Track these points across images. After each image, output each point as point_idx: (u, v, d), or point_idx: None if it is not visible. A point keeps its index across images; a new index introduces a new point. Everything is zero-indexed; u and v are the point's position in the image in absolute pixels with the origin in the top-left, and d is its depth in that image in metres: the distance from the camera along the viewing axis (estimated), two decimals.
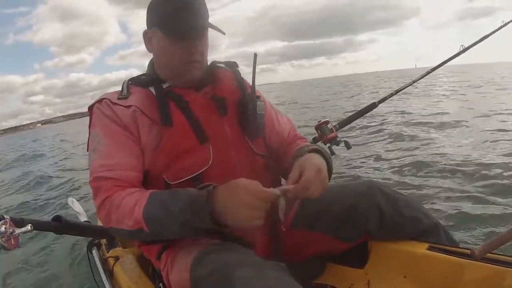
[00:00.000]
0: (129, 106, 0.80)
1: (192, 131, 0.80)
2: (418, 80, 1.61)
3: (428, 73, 1.62)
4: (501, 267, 0.70)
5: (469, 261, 0.74)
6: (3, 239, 0.74)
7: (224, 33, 0.85)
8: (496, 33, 1.63)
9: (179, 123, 0.80)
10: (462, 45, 1.56)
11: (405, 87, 1.59)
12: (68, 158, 8.35)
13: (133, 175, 0.77)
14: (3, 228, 0.75)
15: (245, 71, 0.89)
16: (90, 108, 0.86)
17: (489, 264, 0.71)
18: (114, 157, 0.76)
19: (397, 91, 1.57)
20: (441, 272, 0.78)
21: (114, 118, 0.80)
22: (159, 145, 0.78)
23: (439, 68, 1.62)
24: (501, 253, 0.74)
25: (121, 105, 0.81)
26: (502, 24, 1.59)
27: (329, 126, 1.31)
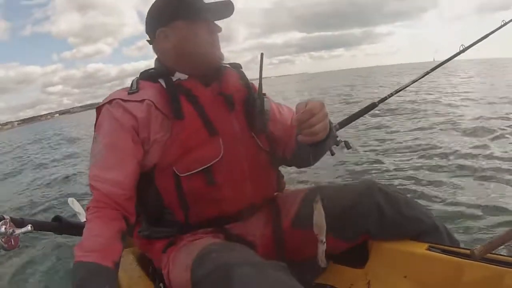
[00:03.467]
0: (142, 100, 0.80)
1: (202, 124, 0.82)
2: (418, 80, 1.61)
3: (427, 73, 1.62)
4: (501, 267, 0.69)
5: (469, 261, 0.73)
6: (3, 240, 0.74)
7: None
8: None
9: (190, 116, 0.81)
10: (462, 45, 1.56)
11: (405, 87, 1.59)
12: None
13: (120, 193, 0.76)
14: (3, 229, 0.75)
15: (264, 62, 0.90)
16: (99, 108, 0.85)
17: (489, 264, 0.71)
18: (108, 171, 0.77)
19: (397, 91, 1.57)
20: (441, 272, 0.78)
21: (122, 120, 0.79)
22: (170, 138, 0.80)
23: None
24: (501, 253, 0.74)
25: (133, 101, 0.81)
26: (502, 23, 1.59)
27: (334, 130, 1.31)
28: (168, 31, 0.86)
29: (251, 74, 0.94)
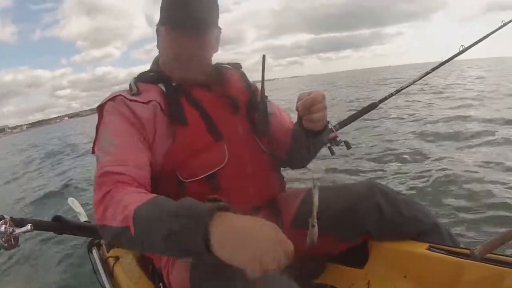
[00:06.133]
0: (148, 102, 0.78)
1: (206, 129, 0.81)
2: (417, 80, 1.61)
3: (427, 73, 1.62)
4: (501, 267, 0.69)
5: (469, 261, 0.73)
6: (3, 239, 0.74)
7: (220, 30, 0.87)
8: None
9: (193, 121, 0.80)
10: (462, 45, 1.56)
11: (406, 87, 1.59)
12: None
13: (145, 175, 0.70)
14: (3, 228, 0.74)
15: (272, 64, 0.90)
16: (101, 106, 0.80)
17: (489, 264, 0.71)
18: (127, 153, 0.71)
19: (397, 91, 1.57)
20: (441, 272, 0.78)
21: (129, 116, 0.76)
22: (174, 143, 0.78)
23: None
24: (501, 253, 0.74)
25: (139, 101, 0.78)
26: (502, 24, 1.59)
27: (329, 126, 1.31)
28: (159, 31, 0.86)
29: (259, 76, 0.91)
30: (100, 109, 0.80)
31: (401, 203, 0.86)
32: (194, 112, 0.81)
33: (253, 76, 0.96)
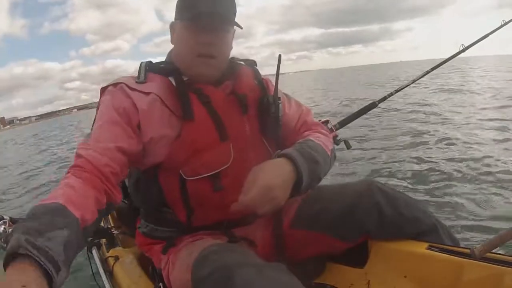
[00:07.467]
0: (148, 93, 0.77)
1: (213, 127, 0.79)
2: (418, 79, 1.62)
3: (427, 72, 1.63)
4: (501, 267, 0.69)
5: (469, 260, 0.73)
6: (2, 240, 0.74)
7: (241, 27, 0.83)
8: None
9: (200, 117, 0.79)
10: (462, 44, 1.57)
11: (405, 86, 1.59)
12: None
13: (105, 161, 0.67)
14: (2, 229, 0.74)
15: (282, 58, 0.87)
16: (103, 89, 0.81)
17: (489, 264, 0.71)
18: (99, 142, 0.70)
19: (397, 90, 1.58)
20: (441, 271, 0.78)
21: (124, 105, 0.75)
22: (179, 138, 0.77)
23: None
24: (501, 253, 0.74)
25: (139, 91, 0.77)
26: (502, 23, 1.59)
27: (329, 125, 1.31)
28: (174, 26, 0.85)
29: (269, 70, 0.87)
30: (102, 91, 0.81)
31: (401, 203, 0.86)
32: (202, 109, 0.79)
33: (263, 71, 0.93)
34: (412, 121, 5.15)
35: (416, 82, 1.65)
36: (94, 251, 1.34)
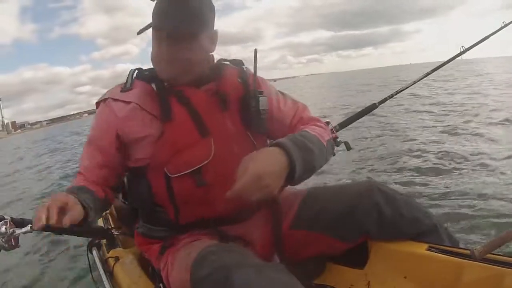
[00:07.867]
0: (128, 102, 0.83)
1: (193, 125, 0.82)
2: (418, 81, 1.62)
3: (427, 74, 1.63)
4: (501, 268, 0.69)
5: (469, 261, 0.73)
6: (3, 240, 0.74)
7: (215, 30, 0.86)
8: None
9: (180, 117, 0.82)
10: (462, 46, 1.57)
11: (405, 88, 1.59)
12: None
13: (95, 179, 0.86)
14: (3, 229, 0.75)
15: (292, 61, 0.84)
16: (97, 104, 0.91)
17: (489, 265, 0.71)
18: (87, 169, 0.88)
19: (397, 92, 1.58)
20: (441, 272, 0.78)
21: (108, 120, 0.85)
22: (161, 138, 0.81)
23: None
24: (501, 254, 0.74)
25: (121, 101, 0.84)
26: (503, 25, 1.59)
27: (329, 127, 1.31)
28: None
29: (278, 73, 0.83)
30: (96, 106, 0.91)
31: (401, 203, 0.86)
32: (182, 109, 0.83)
33: (272, 74, 0.93)
34: (412, 121, 5.15)
35: (416, 83, 1.65)
36: (94, 252, 1.34)
